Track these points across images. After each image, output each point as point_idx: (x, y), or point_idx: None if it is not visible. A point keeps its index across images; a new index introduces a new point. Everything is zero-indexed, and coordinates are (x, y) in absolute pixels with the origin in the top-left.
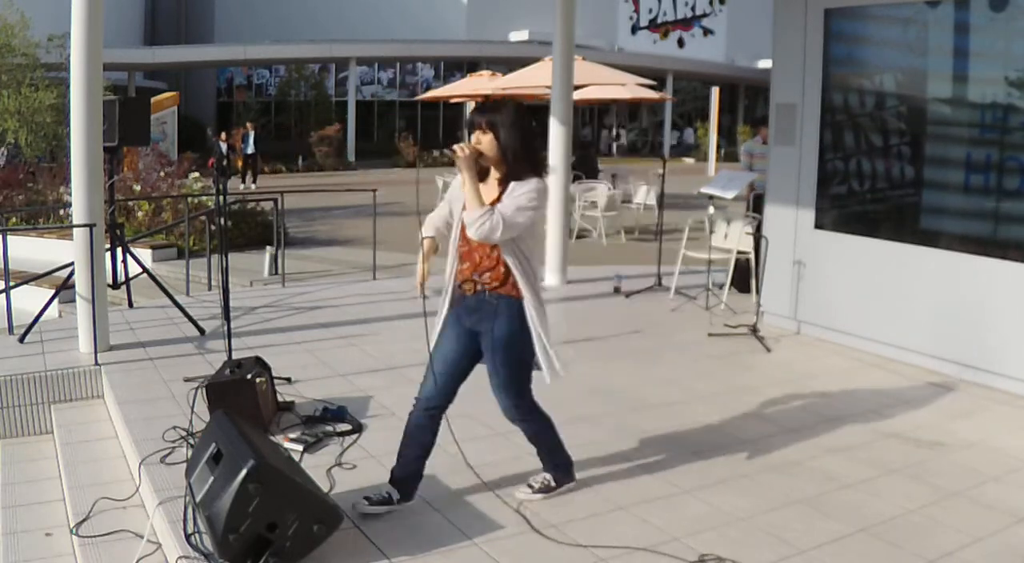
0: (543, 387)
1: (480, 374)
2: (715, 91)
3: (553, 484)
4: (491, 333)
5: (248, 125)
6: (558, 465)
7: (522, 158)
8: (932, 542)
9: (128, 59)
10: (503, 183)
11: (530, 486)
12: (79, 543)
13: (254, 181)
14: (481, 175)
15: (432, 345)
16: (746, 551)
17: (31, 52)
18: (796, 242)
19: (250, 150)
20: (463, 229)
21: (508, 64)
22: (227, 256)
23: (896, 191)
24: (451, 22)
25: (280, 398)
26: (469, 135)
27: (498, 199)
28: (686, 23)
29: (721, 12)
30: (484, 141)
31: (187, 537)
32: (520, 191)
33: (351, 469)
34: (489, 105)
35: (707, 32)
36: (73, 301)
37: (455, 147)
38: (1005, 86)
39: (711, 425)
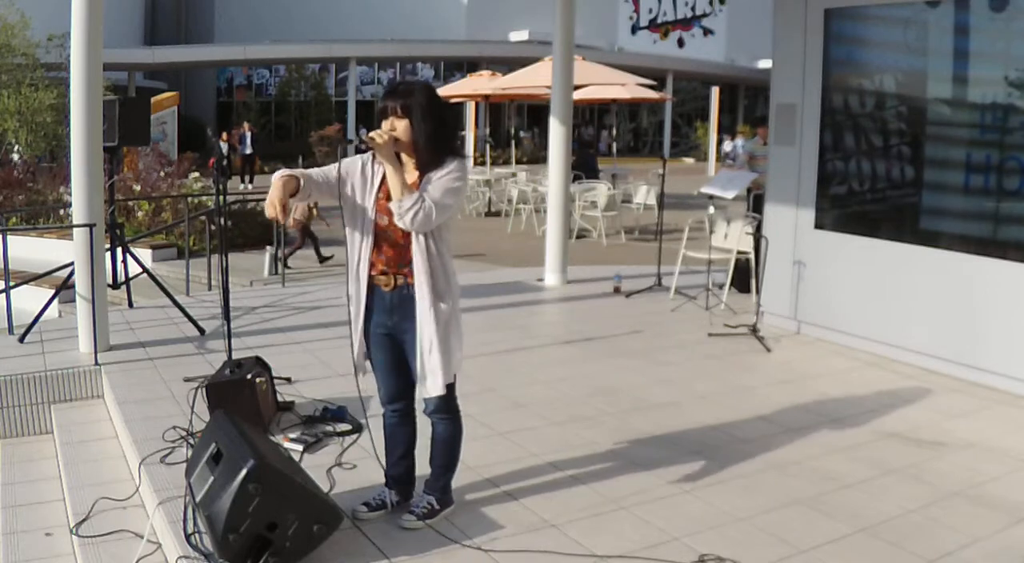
0: (538, 388)
1: (479, 372)
2: (715, 91)
3: (437, 507)
4: (418, 332)
5: (245, 125)
6: (446, 486)
7: (438, 142)
8: (932, 542)
9: (128, 59)
10: (419, 169)
11: (412, 513)
12: (79, 543)
13: (251, 181)
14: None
15: (356, 351)
16: (746, 551)
17: (31, 52)
18: (796, 242)
19: (248, 150)
20: (389, 216)
21: (508, 64)
22: (227, 256)
23: (896, 191)
24: (451, 22)
25: (280, 398)
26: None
27: (417, 186)
28: (686, 23)
29: (721, 12)
30: (400, 126)
31: (187, 537)
32: (443, 172)
33: (351, 469)
34: (402, 88)
35: (707, 32)
36: (73, 301)
37: (372, 134)
38: (1005, 86)
39: (711, 425)
